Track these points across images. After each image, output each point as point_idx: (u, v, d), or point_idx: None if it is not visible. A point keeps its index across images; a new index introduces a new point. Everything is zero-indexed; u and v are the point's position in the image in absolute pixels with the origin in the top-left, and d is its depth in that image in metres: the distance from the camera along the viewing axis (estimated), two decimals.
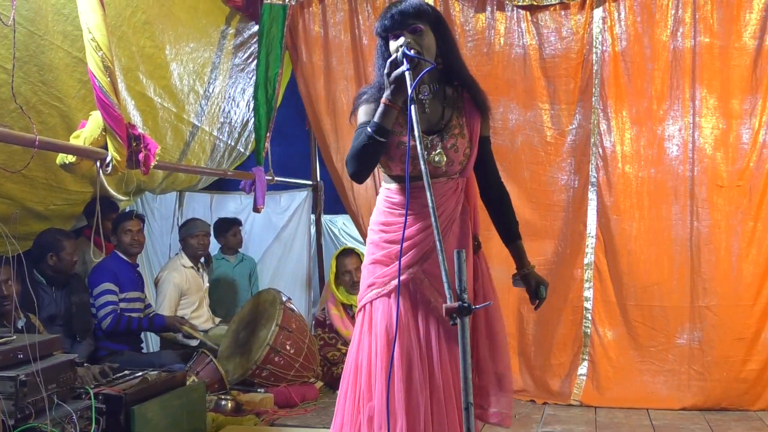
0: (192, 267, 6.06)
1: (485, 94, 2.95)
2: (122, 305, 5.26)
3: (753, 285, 5.25)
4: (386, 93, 2.63)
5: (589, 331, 5.48)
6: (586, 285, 5.50)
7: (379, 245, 2.86)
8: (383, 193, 2.90)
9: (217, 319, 6.24)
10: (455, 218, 2.87)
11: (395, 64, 2.60)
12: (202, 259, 6.29)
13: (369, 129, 2.65)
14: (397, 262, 2.77)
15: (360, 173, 2.74)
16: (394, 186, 2.86)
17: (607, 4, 5.42)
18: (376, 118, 2.65)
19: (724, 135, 5.33)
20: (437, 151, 2.80)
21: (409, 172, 2.65)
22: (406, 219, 2.72)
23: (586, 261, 5.50)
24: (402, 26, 2.72)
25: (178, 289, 5.89)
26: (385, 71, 2.61)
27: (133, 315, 5.31)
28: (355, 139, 2.72)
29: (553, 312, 5.58)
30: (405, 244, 2.78)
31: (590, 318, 5.48)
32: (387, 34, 2.76)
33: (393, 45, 2.72)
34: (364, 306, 2.85)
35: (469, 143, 2.87)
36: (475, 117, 2.89)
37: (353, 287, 5.88)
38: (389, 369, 2.73)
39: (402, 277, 2.77)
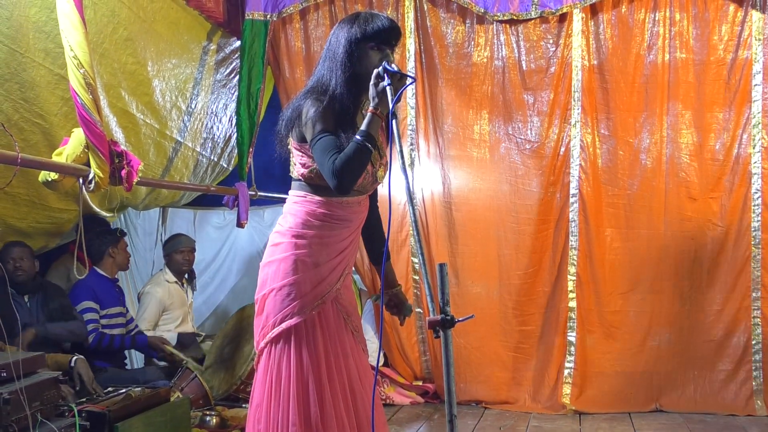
0: (176, 282, 6.05)
1: None
2: (103, 321, 5.24)
3: (723, 291, 5.42)
4: (373, 103, 2.64)
5: (573, 339, 5.52)
6: (570, 295, 5.54)
7: (306, 261, 2.84)
8: (311, 207, 2.87)
9: (201, 334, 6.23)
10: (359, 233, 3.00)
11: (380, 77, 2.63)
12: (186, 275, 6.27)
13: (360, 137, 2.63)
14: (323, 280, 2.84)
15: (353, 183, 2.72)
16: (333, 200, 2.85)
17: (585, 18, 5.48)
18: (365, 127, 2.65)
19: (697, 148, 5.43)
20: (380, 167, 2.90)
21: (355, 187, 2.76)
22: (388, 231, 2.75)
23: (569, 272, 5.54)
24: (388, 44, 2.79)
25: (160, 303, 5.88)
26: (372, 82, 2.64)
27: (115, 331, 5.29)
28: (328, 149, 2.67)
29: (538, 322, 5.64)
30: (337, 259, 2.87)
31: (574, 327, 5.52)
32: (372, 42, 2.77)
33: (375, 55, 2.75)
34: (290, 327, 2.82)
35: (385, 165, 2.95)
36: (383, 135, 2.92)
37: None
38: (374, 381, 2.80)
39: (330, 296, 2.86)
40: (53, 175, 3.51)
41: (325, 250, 2.86)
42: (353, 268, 3.15)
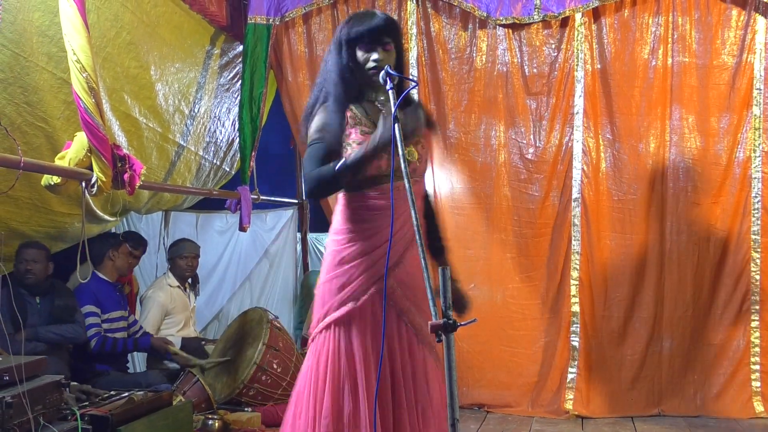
0: (178, 287, 6.04)
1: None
2: (105, 326, 5.25)
3: (723, 295, 5.44)
4: (372, 144, 2.67)
5: (576, 344, 5.51)
6: (573, 300, 5.53)
7: (345, 255, 2.88)
8: (346, 201, 2.91)
9: (206, 339, 6.22)
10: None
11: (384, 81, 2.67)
12: (189, 280, 6.26)
13: (340, 166, 2.68)
14: (366, 273, 2.86)
15: (322, 197, 2.84)
16: (366, 192, 2.86)
17: (588, 22, 5.48)
18: (352, 160, 2.69)
19: (700, 152, 5.42)
20: (408, 148, 2.85)
21: (379, 172, 2.78)
22: (391, 231, 2.74)
23: (572, 276, 5.54)
24: (378, 42, 2.80)
25: (162, 307, 5.87)
26: (382, 113, 2.75)
27: (117, 335, 5.30)
28: (312, 158, 2.77)
29: (541, 326, 5.63)
30: (380, 251, 2.84)
31: (577, 331, 5.52)
32: (357, 43, 2.81)
33: (362, 55, 2.81)
34: (334, 321, 2.89)
35: (425, 148, 2.97)
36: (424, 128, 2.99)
37: None
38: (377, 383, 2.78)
39: (372, 290, 2.84)
40: (56, 179, 3.52)
41: (366, 241, 2.87)
42: None
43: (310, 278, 7.44)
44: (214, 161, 6.38)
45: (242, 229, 5.97)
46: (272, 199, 6.98)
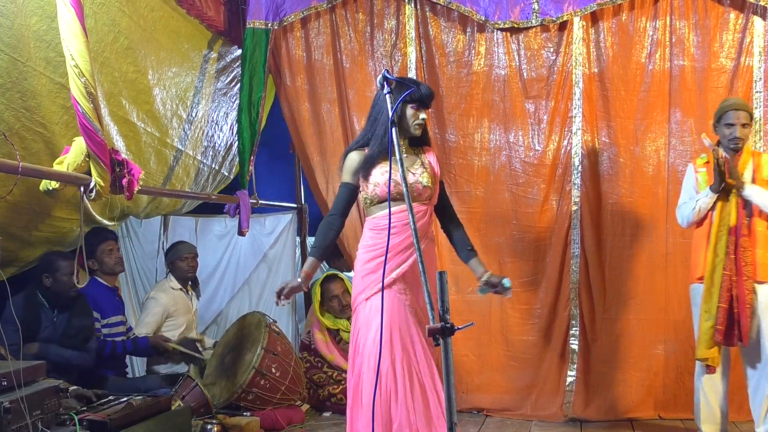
0: (180, 289, 6.03)
1: None
2: (105, 331, 5.22)
3: None
4: None
5: (575, 347, 5.51)
6: (572, 303, 5.53)
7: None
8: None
9: (208, 342, 6.21)
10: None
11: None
12: (190, 282, 6.25)
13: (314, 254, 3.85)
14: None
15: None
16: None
17: (586, 26, 5.48)
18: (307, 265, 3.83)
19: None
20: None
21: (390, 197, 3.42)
22: (388, 239, 2.77)
23: (571, 279, 5.53)
24: (428, 105, 3.73)
25: (164, 309, 5.83)
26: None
27: (117, 339, 5.28)
28: (334, 203, 3.85)
29: (540, 330, 5.62)
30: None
31: (576, 335, 5.51)
32: (412, 102, 3.59)
33: (411, 111, 3.64)
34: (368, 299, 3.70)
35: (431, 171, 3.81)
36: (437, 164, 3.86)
37: (342, 311, 5.90)
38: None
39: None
40: (54, 184, 3.53)
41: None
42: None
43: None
44: (213, 166, 6.38)
45: (241, 233, 5.97)
46: (271, 203, 6.98)
